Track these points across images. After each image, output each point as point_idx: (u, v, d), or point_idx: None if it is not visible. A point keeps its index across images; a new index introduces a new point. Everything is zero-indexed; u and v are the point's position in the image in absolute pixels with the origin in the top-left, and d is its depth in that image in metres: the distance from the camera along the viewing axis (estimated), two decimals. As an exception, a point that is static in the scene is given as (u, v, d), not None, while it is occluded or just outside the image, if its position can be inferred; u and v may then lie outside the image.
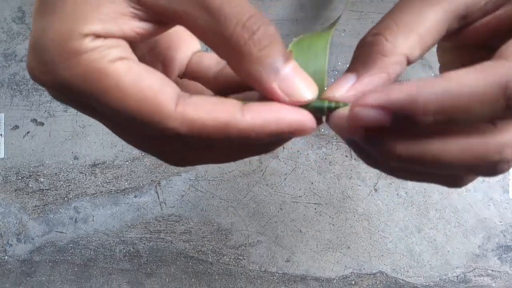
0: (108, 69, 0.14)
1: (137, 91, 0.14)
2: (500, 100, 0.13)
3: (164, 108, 0.14)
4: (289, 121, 0.15)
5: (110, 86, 0.14)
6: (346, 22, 0.72)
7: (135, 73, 0.14)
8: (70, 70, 0.14)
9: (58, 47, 0.14)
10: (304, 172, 0.69)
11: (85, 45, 0.14)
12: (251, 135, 0.14)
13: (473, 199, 0.67)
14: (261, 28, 0.15)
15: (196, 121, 0.14)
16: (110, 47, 0.14)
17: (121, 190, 0.72)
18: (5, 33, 0.78)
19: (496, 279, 0.65)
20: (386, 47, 0.16)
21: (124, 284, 0.71)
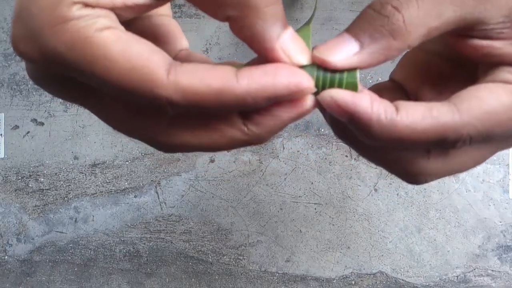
0: (96, 37, 0.13)
1: (126, 59, 0.14)
2: (434, 143, 0.15)
3: (155, 76, 0.14)
4: (286, 82, 0.14)
5: (98, 55, 0.13)
6: (346, 22, 0.72)
7: (123, 42, 0.14)
8: (56, 37, 0.13)
9: (45, 14, 0.13)
10: (304, 172, 0.69)
11: (73, 13, 0.13)
12: (248, 100, 0.14)
13: (473, 199, 0.67)
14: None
15: (189, 89, 0.14)
16: (98, 16, 0.14)
17: (121, 190, 0.72)
18: (5, 33, 0.78)
19: (496, 279, 0.65)
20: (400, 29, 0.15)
21: (124, 284, 0.71)
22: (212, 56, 0.74)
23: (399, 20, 0.15)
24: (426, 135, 0.15)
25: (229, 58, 0.73)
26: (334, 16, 0.73)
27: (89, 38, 0.13)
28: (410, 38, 0.15)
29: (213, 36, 0.74)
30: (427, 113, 0.15)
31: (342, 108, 0.15)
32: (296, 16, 0.73)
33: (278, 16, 0.15)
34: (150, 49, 0.14)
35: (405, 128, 0.15)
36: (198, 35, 0.74)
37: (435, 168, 0.17)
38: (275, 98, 0.14)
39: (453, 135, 0.15)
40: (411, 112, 0.15)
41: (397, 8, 0.15)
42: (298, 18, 0.73)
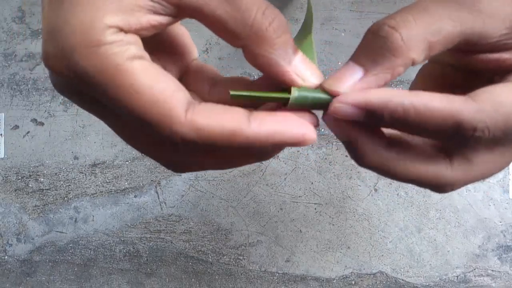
0: (126, 66, 0.14)
1: (151, 93, 0.14)
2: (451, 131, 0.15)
3: (174, 113, 0.14)
4: (293, 133, 0.16)
5: (126, 84, 0.14)
6: (346, 22, 0.72)
7: (150, 75, 0.14)
8: (88, 60, 0.14)
9: (78, 35, 0.14)
10: (304, 172, 0.69)
11: (106, 38, 0.14)
12: (256, 144, 0.15)
13: (473, 199, 0.67)
14: (277, 18, 0.16)
15: (204, 128, 0.15)
16: (129, 43, 0.14)
17: (121, 190, 0.72)
18: (5, 33, 0.78)
19: (496, 279, 0.65)
20: (400, 47, 0.16)
21: (124, 284, 0.71)
22: (212, 56, 0.74)
23: (398, 38, 0.16)
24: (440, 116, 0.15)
25: (229, 58, 0.73)
26: (334, 16, 0.73)
27: (120, 66, 0.14)
28: (411, 54, 0.16)
29: (213, 36, 0.74)
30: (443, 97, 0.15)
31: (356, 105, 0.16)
32: (296, 16, 0.73)
33: (288, 43, 0.16)
34: (174, 85, 0.15)
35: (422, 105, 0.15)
36: (198, 35, 0.74)
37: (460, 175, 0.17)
38: (280, 144, 0.16)
39: (469, 122, 0.15)
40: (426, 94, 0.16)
41: (394, 28, 0.16)
42: (298, 18, 0.73)
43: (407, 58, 0.16)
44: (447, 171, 0.17)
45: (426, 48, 0.16)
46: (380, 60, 0.16)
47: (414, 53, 0.16)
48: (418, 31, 0.16)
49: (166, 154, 0.17)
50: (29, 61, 0.77)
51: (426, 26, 0.16)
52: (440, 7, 0.16)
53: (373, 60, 0.16)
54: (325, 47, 0.72)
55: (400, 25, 0.16)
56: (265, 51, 0.16)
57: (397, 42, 0.16)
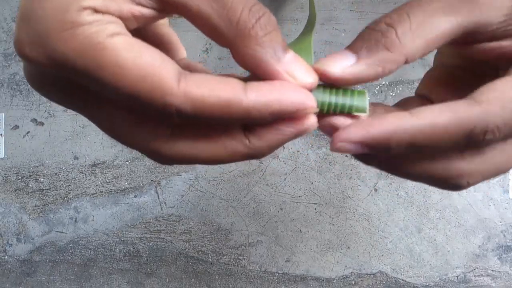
0: (107, 43, 0.13)
1: (137, 67, 0.14)
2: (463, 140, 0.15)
3: (166, 84, 0.14)
4: (292, 99, 0.15)
5: (109, 61, 0.13)
6: (346, 22, 0.72)
7: (135, 49, 0.14)
8: (66, 43, 0.13)
9: (54, 18, 0.13)
10: (304, 172, 0.69)
11: (83, 18, 0.13)
12: (254, 113, 0.15)
13: (473, 199, 0.67)
14: (265, 15, 0.15)
15: (199, 98, 0.14)
16: (108, 22, 0.14)
17: (121, 190, 0.72)
18: (5, 33, 0.78)
19: (496, 279, 0.65)
20: (394, 42, 0.16)
21: (124, 284, 0.71)
22: (212, 56, 0.74)
23: (393, 33, 0.16)
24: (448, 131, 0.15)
25: (229, 58, 0.73)
26: (334, 16, 0.73)
27: (101, 44, 0.13)
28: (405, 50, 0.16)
29: (213, 36, 0.74)
30: (444, 109, 0.15)
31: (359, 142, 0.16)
32: (296, 16, 0.73)
33: (277, 41, 0.15)
34: (161, 57, 0.14)
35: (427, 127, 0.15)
36: (198, 35, 0.74)
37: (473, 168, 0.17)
38: (279, 113, 0.15)
39: (478, 127, 0.15)
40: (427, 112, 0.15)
41: (390, 24, 0.16)
42: (298, 18, 0.73)
43: (400, 54, 0.16)
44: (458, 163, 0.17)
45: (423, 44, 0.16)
46: (374, 50, 0.16)
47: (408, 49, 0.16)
48: (413, 27, 0.16)
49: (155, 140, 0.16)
50: (29, 61, 0.77)
51: (421, 22, 0.16)
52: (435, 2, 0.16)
53: (367, 49, 0.16)
54: (325, 47, 0.72)
55: (395, 22, 0.16)
56: (251, 50, 0.15)
57: (391, 37, 0.16)
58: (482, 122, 0.15)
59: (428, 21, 0.16)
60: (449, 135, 0.15)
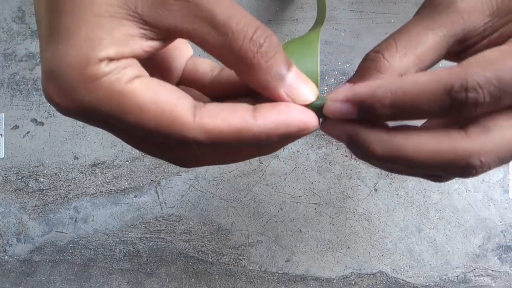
0: (127, 89, 0.15)
1: (156, 107, 0.15)
2: (445, 99, 0.15)
3: (183, 121, 0.15)
4: (297, 122, 0.16)
5: (130, 106, 0.15)
6: (346, 22, 0.72)
7: (151, 90, 0.15)
8: (90, 94, 0.15)
9: (76, 73, 0.15)
10: (304, 172, 0.69)
11: (102, 69, 0.15)
12: (263, 137, 0.16)
13: (473, 199, 0.67)
14: (267, 40, 0.16)
15: (213, 130, 0.15)
16: (124, 68, 0.15)
17: (121, 190, 0.72)
18: (5, 33, 0.78)
19: (496, 279, 0.65)
20: (383, 64, 0.17)
21: (124, 284, 0.71)
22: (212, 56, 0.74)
23: (380, 58, 0.17)
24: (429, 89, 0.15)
25: (229, 58, 0.73)
26: (334, 16, 0.73)
27: (121, 91, 0.15)
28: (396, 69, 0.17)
29: (213, 36, 0.74)
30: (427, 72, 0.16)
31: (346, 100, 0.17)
32: (296, 16, 0.73)
33: (280, 64, 0.16)
34: (176, 94, 0.16)
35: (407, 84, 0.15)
36: (198, 35, 0.74)
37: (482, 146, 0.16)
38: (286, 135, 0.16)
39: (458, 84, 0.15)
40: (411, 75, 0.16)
41: (377, 51, 0.17)
42: (298, 18, 0.73)
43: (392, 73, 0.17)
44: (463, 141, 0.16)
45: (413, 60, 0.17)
46: (366, 76, 0.17)
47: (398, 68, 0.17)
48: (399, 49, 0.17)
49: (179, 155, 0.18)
50: (29, 61, 0.77)
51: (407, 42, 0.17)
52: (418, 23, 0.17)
53: (361, 76, 0.17)
54: (325, 47, 0.72)
55: (383, 48, 0.17)
56: (254, 77, 0.16)
57: (380, 60, 0.17)
58: (461, 79, 0.15)
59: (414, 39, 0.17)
60: (429, 92, 0.15)
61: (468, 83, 0.15)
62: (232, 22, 0.15)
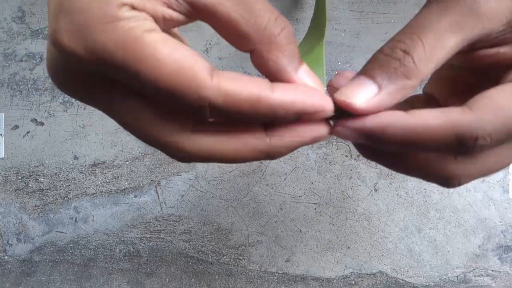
0: (145, 37, 0.14)
1: (174, 60, 0.14)
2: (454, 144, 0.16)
3: (201, 78, 0.14)
4: (314, 101, 0.16)
5: (148, 55, 0.14)
6: (346, 22, 0.72)
7: (171, 44, 0.15)
8: (106, 35, 0.14)
9: (95, 11, 0.14)
10: (304, 172, 0.69)
11: (122, 13, 0.14)
12: (279, 111, 0.15)
13: (473, 199, 0.67)
14: (288, 27, 0.16)
15: (231, 93, 0.15)
16: (145, 19, 0.15)
17: (121, 190, 0.72)
18: (5, 33, 0.78)
19: (496, 279, 0.65)
20: (413, 70, 0.16)
21: (124, 284, 0.71)
22: (212, 56, 0.74)
23: (410, 62, 0.16)
24: (439, 134, 0.15)
25: (229, 58, 0.73)
26: (334, 16, 0.73)
27: (139, 38, 0.14)
28: (422, 74, 0.17)
29: (213, 36, 0.74)
30: (439, 113, 0.16)
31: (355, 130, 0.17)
32: (296, 16, 0.73)
33: (296, 53, 0.17)
34: (194, 53, 0.15)
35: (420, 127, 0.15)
36: (198, 35, 0.74)
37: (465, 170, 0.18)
38: (302, 112, 0.16)
39: (469, 132, 0.15)
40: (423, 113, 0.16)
41: (405, 51, 0.17)
42: (298, 18, 0.73)
43: (418, 80, 0.17)
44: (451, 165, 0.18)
45: (434, 66, 0.17)
46: (393, 80, 0.17)
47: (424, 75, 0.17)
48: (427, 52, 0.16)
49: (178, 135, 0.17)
50: (29, 61, 0.77)
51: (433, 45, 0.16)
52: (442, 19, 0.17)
53: (388, 79, 0.17)
54: (325, 47, 0.72)
55: (411, 48, 0.17)
56: (275, 56, 0.16)
57: (409, 65, 0.16)
58: (472, 128, 0.15)
59: (439, 42, 0.17)
60: (440, 137, 0.16)
61: (479, 133, 0.15)
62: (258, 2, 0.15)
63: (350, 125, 0.16)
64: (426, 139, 0.16)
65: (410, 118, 0.16)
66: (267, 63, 0.16)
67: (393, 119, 0.16)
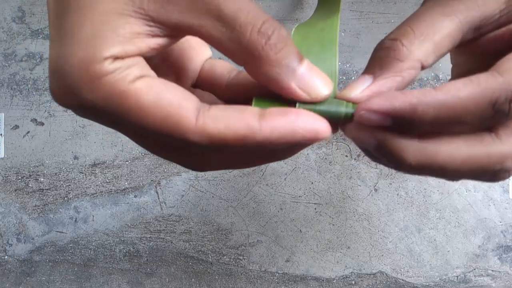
0: (129, 90, 0.15)
1: (158, 109, 0.15)
2: (489, 111, 0.15)
3: (185, 124, 0.15)
4: (305, 131, 0.15)
5: (132, 107, 0.15)
6: (346, 22, 0.72)
7: (155, 91, 0.15)
8: (93, 93, 0.15)
9: (80, 71, 0.14)
10: (304, 172, 0.69)
11: (105, 68, 0.14)
12: (267, 145, 0.15)
13: (473, 199, 0.67)
14: (275, 32, 0.15)
15: (215, 135, 0.15)
16: (129, 67, 0.15)
17: (121, 190, 0.72)
18: (5, 33, 0.78)
19: (496, 279, 0.65)
20: (402, 52, 0.16)
21: (124, 284, 0.71)
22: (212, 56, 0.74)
23: (399, 45, 0.16)
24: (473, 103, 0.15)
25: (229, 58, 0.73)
26: (334, 16, 0.73)
27: (124, 92, 0.15)
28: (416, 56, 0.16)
29: (213, 36, 0.74)
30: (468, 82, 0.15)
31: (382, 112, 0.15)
32: (296, 16, 0.73)
33: (290, 56, 0.16)
34: (181, 95, 0.15)
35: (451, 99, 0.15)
36: (198, 35, 0.74)
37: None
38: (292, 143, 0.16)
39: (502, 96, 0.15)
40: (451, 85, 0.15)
41: (394, 39, 0.17)
42: (298, 18, 0.73)
43: (413, 60, 0.16)
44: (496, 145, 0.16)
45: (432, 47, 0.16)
46: (386, 65, 0.17)
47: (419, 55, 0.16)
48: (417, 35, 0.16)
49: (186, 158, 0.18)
50: (29, 61, 0.77)
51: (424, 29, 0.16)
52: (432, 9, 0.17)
53: (380, 67, 0.17)
54: (325, 47, 0.72)
55: (399, 35, 0.17)
56: (264, 70, 0.16)
57: (399, 48, 0.16)
58: (505, 91, 0.15)
59: (431, 25, 0.16)
60: (474, 107, 0.15)
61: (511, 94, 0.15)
62: (239, 15, 0.15)
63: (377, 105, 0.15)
64: (460, 111, 0.15)
65: (439, 93, 0.15)
66: (258, 77, 0.16)
67: (422, 96, 0.15)
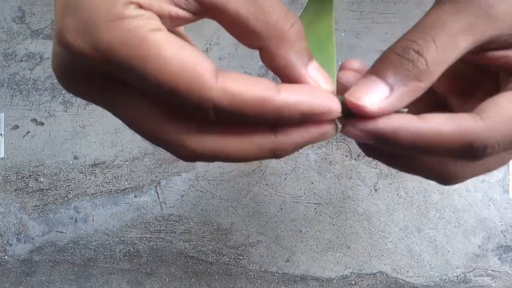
0: (151, 37, 0.14)
1: (178, 60, 0.14)
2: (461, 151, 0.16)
3: (205, 79, 0.14)
4: (320, 102, 0.16)
5: (152, 54, 0.14)
6: (346, 22, 0.72)
7: (176, 44, 0.14)
8: (112, 33, 0.14)
9: (102, 9, 0.14)
10: (304, 172, 0.69)
11: (129, 12, 0.14)
12: (284, 112, 0.15)
13: (473, 199, 0.67)
14: (297, 23, 0.17)
15: (236, 94, 0.14)
16: (150, 18, 0.15)
17: (121, 190, 0.72)
18: (5, 33, 0.78)
19: (496, 279, 0.65)
20: (425, 73, 0.16)
21: (124, 284, 0.71)
22: (212, 56, 0.74)
23: (423, 63, 0.16)
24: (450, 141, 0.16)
25: (229, 58, 0.73)
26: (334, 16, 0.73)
27: (145, 38, 0.14)
28: (433, 77, 0.17)
29: (213, 36, 0.74)
30: (450, 119, 0.16)
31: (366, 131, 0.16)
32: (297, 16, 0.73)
33: (306, 49, 0.17)
34: (200, 54, 0.15)
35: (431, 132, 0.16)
36: (198, 35, 0.74)
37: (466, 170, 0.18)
38: (307, 114, 0.16)
39: (479, 142, 0.16)
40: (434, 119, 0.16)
41: (419, 52, 0.16)
42: (298, 18, 0.73)
43: (429, 82, 0.17)
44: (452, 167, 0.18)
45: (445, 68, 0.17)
46: (405, 81, 0.16)
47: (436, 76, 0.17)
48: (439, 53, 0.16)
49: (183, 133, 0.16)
50: (29, 61, 0.77)
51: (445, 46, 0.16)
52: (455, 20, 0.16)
53: (400, 80, 0.17)
54: (325, 47, 0.72)
55: (424, 49, 0.16)
56: (284, 52, 0.16)
57: (422, 67, 0.16)
58: (483, 137, 0.16)
59: (451, 44, 0.16)
60: (450, 144, 0.16)
61: (488, 143, 0.16)
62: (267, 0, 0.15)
63: (362, 126, 0.16)
64: (436, 144, 0.16)
65: (422, 123, 0.16)
66: (276, 59, 0.16)
67: (405, 123, 0.16)
